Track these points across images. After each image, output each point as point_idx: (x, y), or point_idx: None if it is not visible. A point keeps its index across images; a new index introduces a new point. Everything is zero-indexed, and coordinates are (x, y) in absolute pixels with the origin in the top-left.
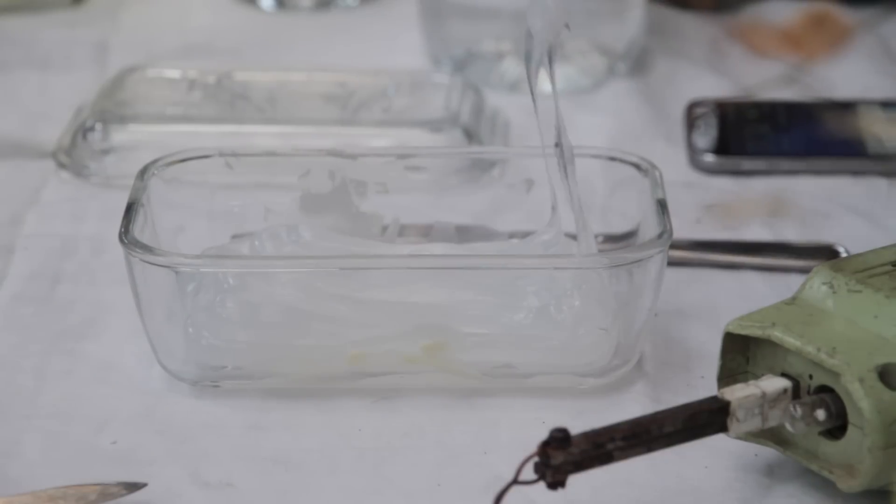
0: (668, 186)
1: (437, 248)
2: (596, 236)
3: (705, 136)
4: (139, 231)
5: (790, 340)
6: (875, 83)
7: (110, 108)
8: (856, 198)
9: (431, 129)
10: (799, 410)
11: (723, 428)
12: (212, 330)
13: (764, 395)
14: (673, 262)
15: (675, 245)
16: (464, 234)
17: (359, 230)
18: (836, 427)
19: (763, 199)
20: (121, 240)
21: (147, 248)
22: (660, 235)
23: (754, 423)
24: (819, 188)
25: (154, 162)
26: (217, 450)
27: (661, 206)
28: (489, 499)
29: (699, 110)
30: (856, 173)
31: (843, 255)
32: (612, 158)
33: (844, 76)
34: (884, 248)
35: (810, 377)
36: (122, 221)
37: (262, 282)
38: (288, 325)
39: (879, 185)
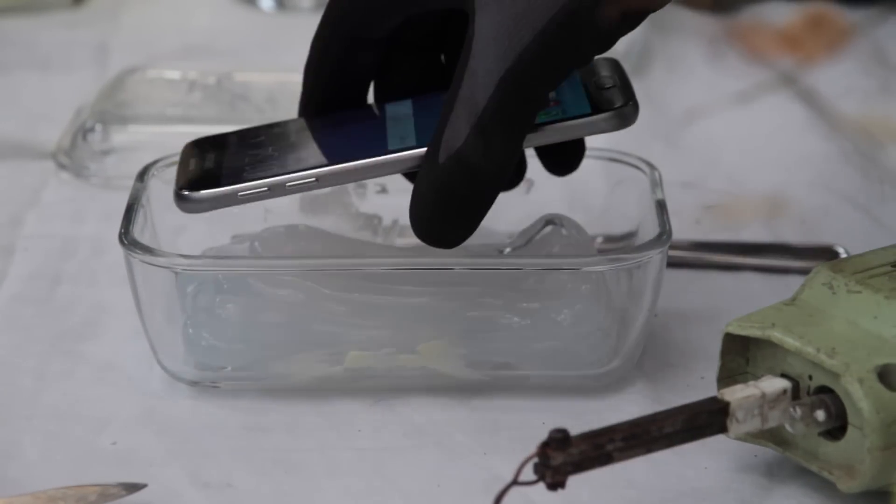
0: (666, 186)
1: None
2: (595, 237)
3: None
4: (139, 232)
5: (790, 341)
6: (859, 85)
7: (110, 109)
8: None
9: None
10: (798, 411)
11: (722, 429)
12: (211, 331)
13: (763, 395)
14: (672, 263)
15: (675, 246)
16: None
17: (358, 231)
18: (836, 428)
19: (762, 200)
20: (121, 241)
21: (147, 249)
22: (659, 236)
23: (754, 424)
24: None
25: (153, 163)
26: (217, 450)
27: (661, 206)
28: (489, 499)
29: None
30: None
31: (843, 255)
32: (612, 159)
33: (829, 77)
34: (883, 248)
35: (810, 378)
36: (122, 222)
37: (262, 283)
38: (287, 327)
39: None
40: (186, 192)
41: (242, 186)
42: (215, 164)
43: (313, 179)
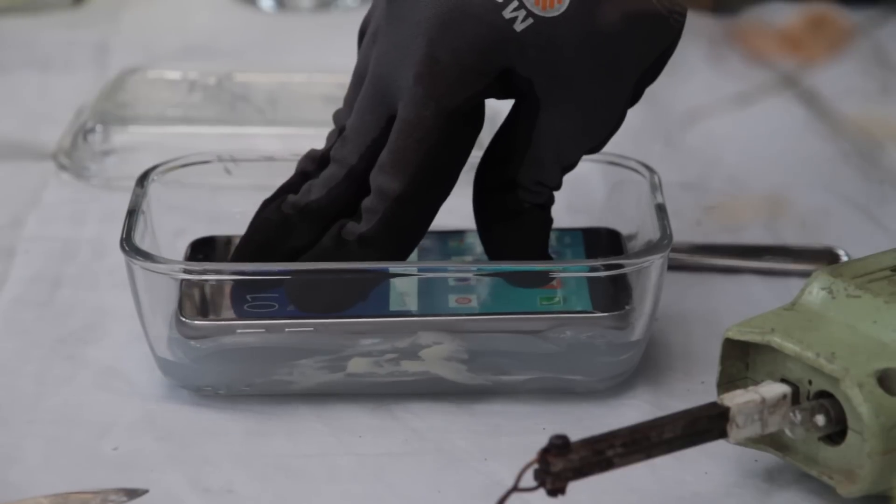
0: (667, 188)
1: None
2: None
3: None
4: (139, 237)
5: (789, 346)
6: (859, 86)
7: (111, 110)
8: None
9: None
10: (798, 416)
11: (722, 434)
12: (203, 364)
13: (763, 400)
14: (673, 266)
15: (675, 248)
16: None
17: None
18: (836, 432)
19: (762, 201)
20: (122, 247)
21: (148, 256)
22: (660, 241)
23: (754, 429)
24: None
25: (153, 168)
26: (218, 456)
27: (661, 210)
28: None
29: None
30: None
31: (843, 258)
32: (611, 162)
33: (829, 78)
34: (882, 252)
35: (810, 383)
36: (123, 228)
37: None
38: (284, 348)
39: None
40: (186, 320)
41: (242, 324)
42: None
43: (311, 329)
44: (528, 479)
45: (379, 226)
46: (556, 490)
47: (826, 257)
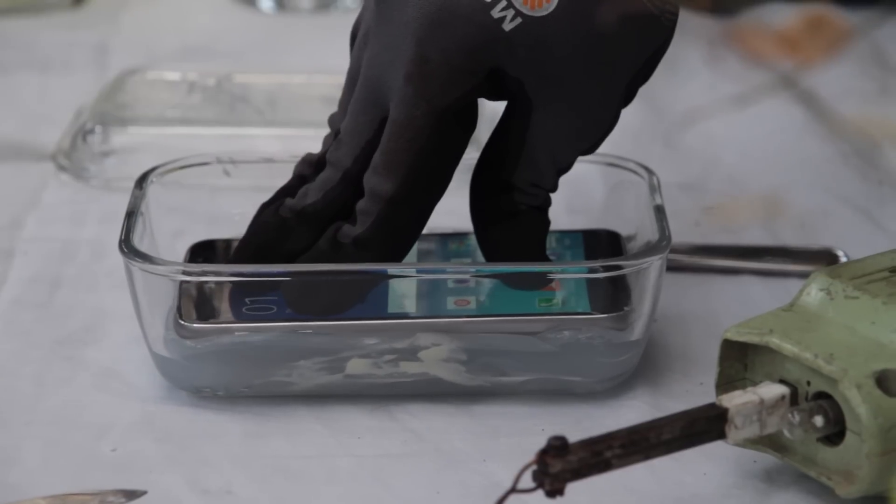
0: (665, 189)
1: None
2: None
3: None
4: (138, 238)
5: (788, 347)
6: (858, 86)
7: (110, 111)
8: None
9: None
10: (797, 417)
11: (721, 435)
12: (202, 365)
13: (762, 401)
14: (672, 267)
15: (674, 249)
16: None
17: None
18: (835, 433)
19: (761, 202)
20: (121, 249)
21: (147, 258)
22: (658, 242)
23: (752, 430)
24: None
25: (152, 170)
26: (216, 457)
27: (660, 212)
28: None
29: None
30: None
31: (842, 259)
32: (610, 164)
33: (828, 79)
34: (881, 254)
35: (808, 384)
36: (122, 230)
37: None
38: (283, 342)
39: None
40: (184, 322)
41: (240, 326)
42: (218, 287)
43: (309, 331)
44: (527, 480)
45: (373, 228)
46: (554, 491)
47: (825, 258)
